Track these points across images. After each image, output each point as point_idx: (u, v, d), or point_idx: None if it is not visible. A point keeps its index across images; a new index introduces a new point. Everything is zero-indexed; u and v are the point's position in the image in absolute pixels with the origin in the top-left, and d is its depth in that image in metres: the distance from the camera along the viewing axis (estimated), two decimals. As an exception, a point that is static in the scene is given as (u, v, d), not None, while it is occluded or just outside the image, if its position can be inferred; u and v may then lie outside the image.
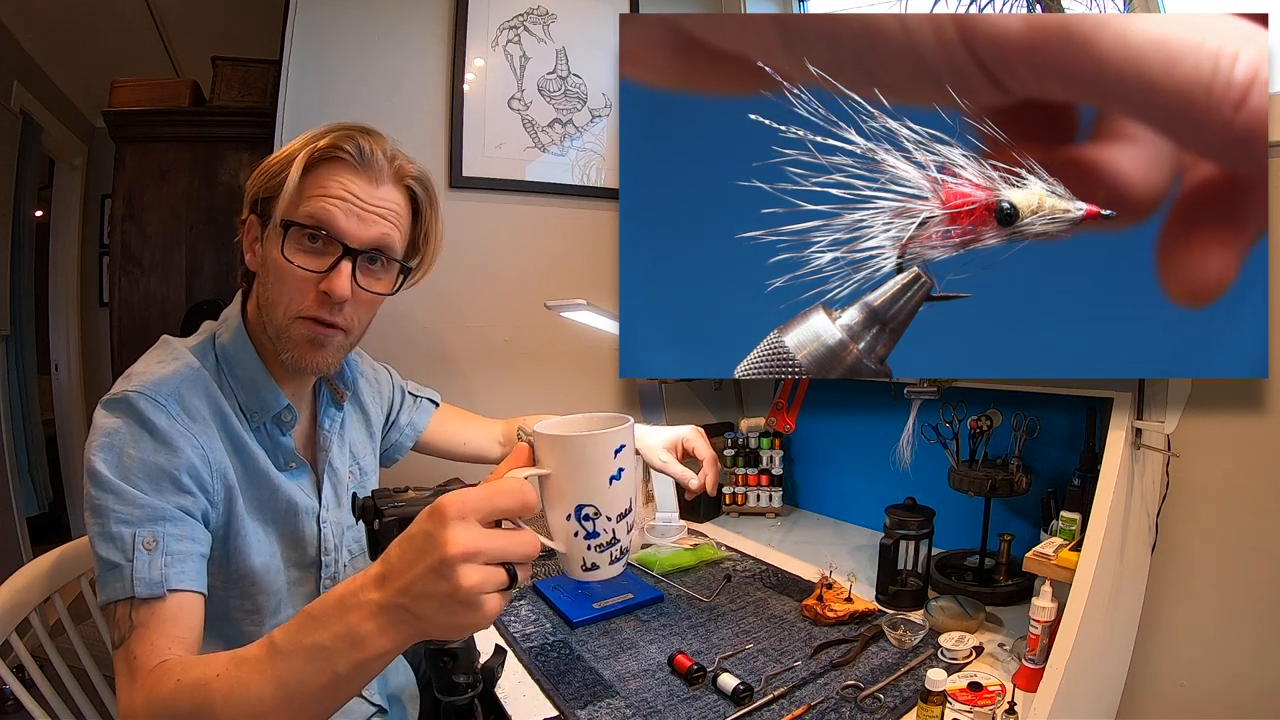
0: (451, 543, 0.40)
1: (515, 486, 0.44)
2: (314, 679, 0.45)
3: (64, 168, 2.93)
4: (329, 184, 0.70)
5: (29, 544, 2.44)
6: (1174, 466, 0.91)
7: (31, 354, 2.73)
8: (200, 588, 0.63)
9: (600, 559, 0.50)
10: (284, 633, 0.47)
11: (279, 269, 0.70)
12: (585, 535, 0.49)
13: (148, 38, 2.51)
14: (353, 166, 0.71)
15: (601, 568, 0.50)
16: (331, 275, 0.69)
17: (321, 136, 0.71)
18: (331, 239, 0.70)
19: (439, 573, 0.40)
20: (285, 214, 0.69)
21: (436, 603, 0.41)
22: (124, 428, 0.64)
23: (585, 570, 0.50)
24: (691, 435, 0.98)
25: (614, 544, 0.50)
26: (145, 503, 0.62)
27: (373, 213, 0.71)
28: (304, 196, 0.69)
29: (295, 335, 0.72)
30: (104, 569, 0.61)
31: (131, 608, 0.59)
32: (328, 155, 0.70)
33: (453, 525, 0.41)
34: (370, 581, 0.44)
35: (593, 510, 0.48)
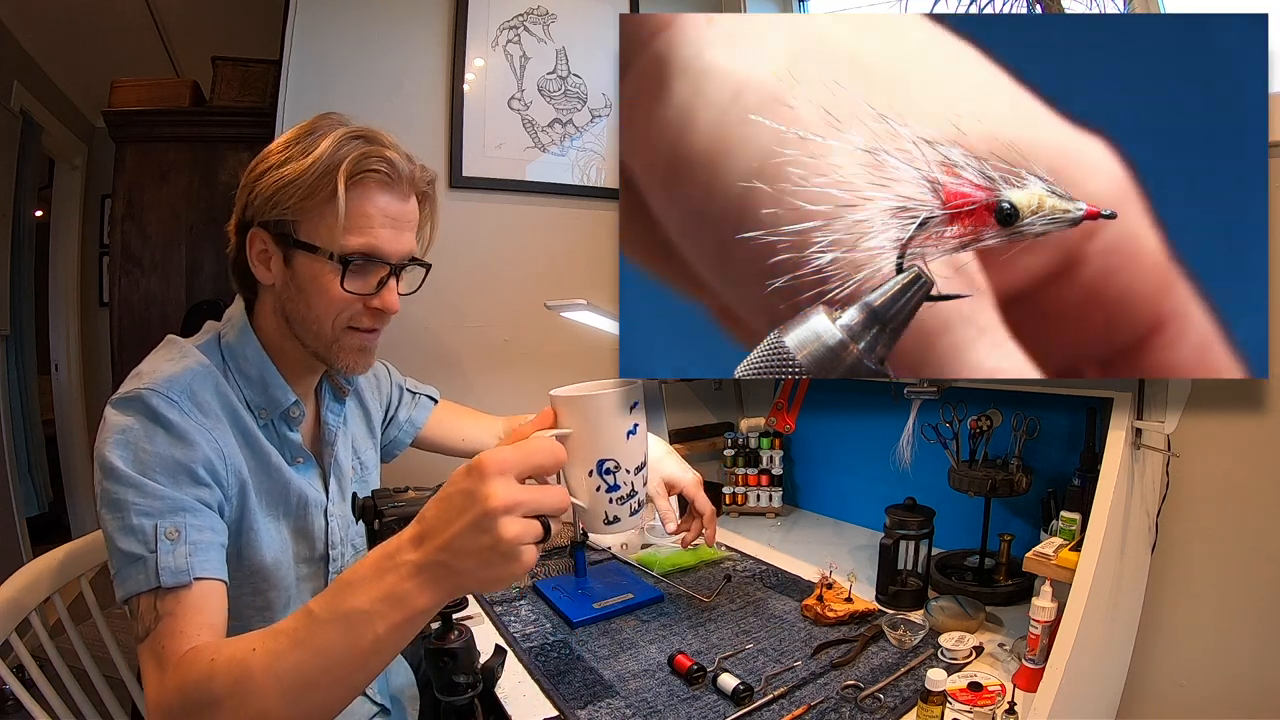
0: (493, 496, 0.42)
1: (548, 443, 0.46)
2: (354, 644, 0.46)
3: (64, 168, 2.94)
4: (369, 210, 0.70)
5: (29, 544, 2.44)
6: (1174, 466, 0.91)
7: (31, 354, 2.73)
8: (223, 576, 0.63)
9: (621, 511, 0.53)
10: (320, 601, 0.48)
11: (330, 295, 0.71)
12: (607, 489, 0.52)
13: (148, 38, 2.51)
14: (386, 184, 0.71)
15: (622, 520, 0.53)
16: (384, 293, 0.73)
17: (339, 152, 0.68)
18: (376, 260, 0.72)
19: (481, 526, 0.42)
20: (339, 246, 0.69)
21: (477, 557, 0.43)
22: (137, 425, 0.63)
23: (607, 524, 0.53)
24: (691, 485, 1.01)
25: (633, 496, 0.53)
26: (165, 494, 0.61)
27: (406, 225, 0.74)
28: (350, 229, 0.69)
29: (347, 345, 0.74)
30: (124, 563, 0.60)
31: (156, 598, 0.58)
32: (363, 179, 0.70)
33: (493, 480, 0.43)
34: (407, 543, 0.46)
35: (613, 464, 0.51)
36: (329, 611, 0.47)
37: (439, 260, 0.85)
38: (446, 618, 0.66)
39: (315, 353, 0.75)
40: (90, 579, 0.89)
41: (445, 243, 0.84)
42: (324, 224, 0.69)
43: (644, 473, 0.54)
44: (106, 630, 0.88)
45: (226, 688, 0.49)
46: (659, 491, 1.00)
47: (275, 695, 0.47)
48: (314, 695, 0.48)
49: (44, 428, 2.84)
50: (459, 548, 0.43)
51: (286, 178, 0.68)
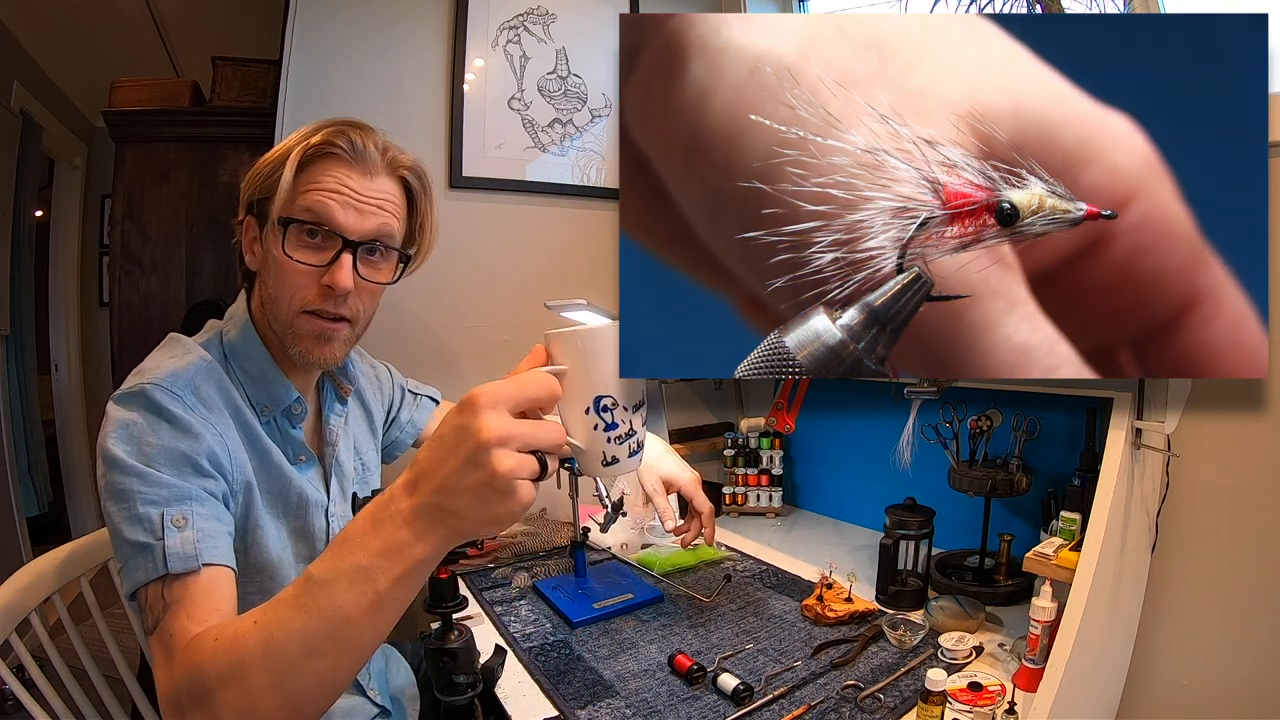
0: (485, 429, 0.41)
1: (541, 376, 0.45)
2: (357, 603, 0.45)
3: (64, 168, 2.93)
4: (323, 179, 0.70)
5: (29, 544, 2.44)
6: (1174, 466, 0.91)
7: (31, 354, 2.73)
8: (231, 563, 0.63)
9: (619, 451, 0.51)
10: (319, 564, 0.47)
11: (280, 266, 0.70)
12: (605, 427, 0.49)
13: (148, 38, 2.50)
14: (346, 160, 0.71)
15: (621, 460, 0.51)
16: (333, 268, 0.70)
17: (313, 133, 0.71)
18: (331, 233, 0.70)
19: (474, 461, 0.41)
20: (283, 211, 0.69)
21: (472, 495, 0.42)
22: (141, 419, 0.63)
23: (605, 464, 0.51)
24: (690, 484, 1.01)
25: (631, 435, 0.51)
26: (171, 483, 0.61)
27: (369, 204, 0.72)
28: (299, 193, 0.70)
29: (301, 330, 0.73)
30: (132, 553, 0.59)
31: (164, 587, 0.57)
32: (321, 152, 0.70)
33: (485, 413, 0.41)
34: (400, 490, 0.45)
35: (610, 401, 0.49)
36: (328, 572, 0.46)
37: (439, 260, 0.85)
38: (446, 618, 0.66)
39: (280, 336, 0.74)
40: (90, 579, 0.89)
41: (445, 243, 0.84)
42: (281, 195, 0.70)
43: (642, 411, 0.52)
44: (106, 630, 0.88)
45: (231, 664, 0.48)
46: (658, 490, 1.00)
47: (281, 666, 0.46)
48: (320, 663, 0.46)
49: (44, 428, 2.84)
50: (453, 486, 0.42)
51: (266, 159, 0.72)
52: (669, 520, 0.99)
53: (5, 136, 2.32)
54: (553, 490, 1.18)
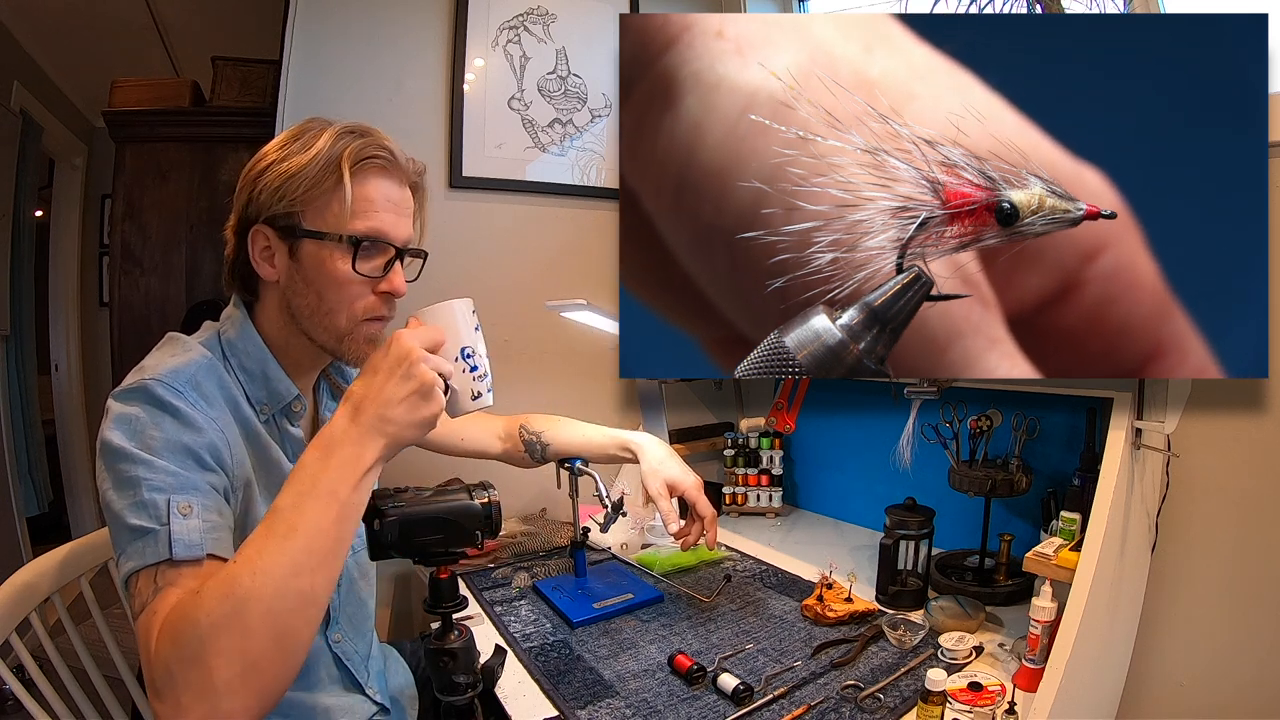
0: (415, 350, 0.59)
1: (434, 327, 0.64)
2: (326, 513, 0.55)
3: (64, 168, 2.93)
4: (373, 194, 0.72)
5: (29, 544, 2.44)
6: (1174, 466, 0.91)
7: (31, 354, 2.73)
8: (231, 558, 0.62)
9: (481, 387, 0.67)
10: (281, 497, 0.55)
11: (340, 279, 0.72)
12: (470, 370, 0.67)
13: (148, 38, 2.50)
14: (386, 170, 0.73)
15: (483, 395, 0.68)
16: (391, 275, 0.75)
17: (339, 143, 0.70)
18: (384, 243, 0.73)
19: (407, 374, 0.58)
20: (347, 230, 0.70)
21: (406, 404, 0.58)
22: (143, 413, 0.62)
23: (474, 399, 0.67)
24: (692, 489, 1.02)
25: (487, 376, 0.68)
26: (176, 472, 0.61)
27: (405, 212, 0.76)
28: (358, 209, 0.71)
29: (360, 336, 0.75)
30: (133, 538, 0.58)
31: (158, 572, 0.57)
32: (364, 165, 0.71)
33: (408, 337, 0.60)
34: (343, 418, 0.58)
35: (470, 349, 0.67)
36: (294, 497, 0.55)
37: (439, 260, 0.85)
38: (446, 618, 0.66)
39: (324, 345, 0.75)
40: (90, 579, 0.89)
41: (445, 243, 0.84)
42: (330, 211, 0.70)
43: (489, 359, 0.69)
44: (106, 630, 0.88)
45: (226, 604, 0.51)
46: (661, 493, 1.00)
47: (270, 592, 0.51)
48: (303, 581, 0.53)
49: (44, 428, 2.83)
50: (390, 397, 0.58)
51: (290, 171, 0.70)
52: (672, 524, 1.00)
53: (5, 136, 2.31)
54: (553, 490, 1.18)
